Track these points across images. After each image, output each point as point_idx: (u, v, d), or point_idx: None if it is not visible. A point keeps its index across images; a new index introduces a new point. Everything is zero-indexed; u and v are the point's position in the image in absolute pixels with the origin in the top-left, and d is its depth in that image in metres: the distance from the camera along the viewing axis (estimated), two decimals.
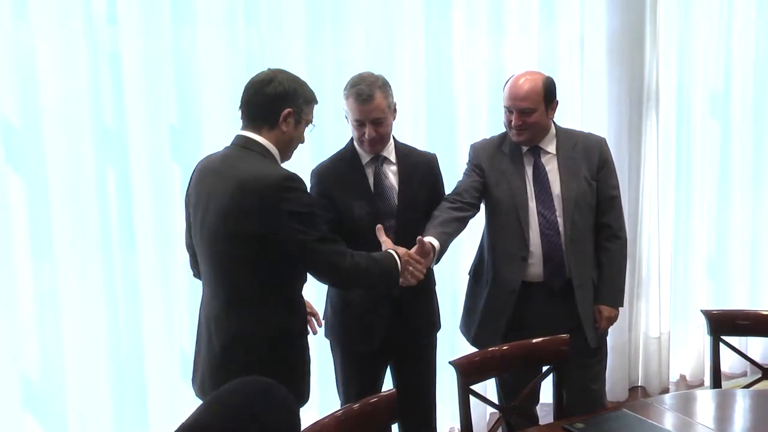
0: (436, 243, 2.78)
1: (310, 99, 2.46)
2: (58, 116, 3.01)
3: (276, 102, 2.39)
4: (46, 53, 2.97)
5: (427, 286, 2.99)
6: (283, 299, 2.40)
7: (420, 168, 2.96)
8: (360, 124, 2.79)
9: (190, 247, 2.59)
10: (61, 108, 3.01)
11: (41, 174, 3.02)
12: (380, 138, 2.82)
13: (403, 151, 2.95)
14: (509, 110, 2.98)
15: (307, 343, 2.51)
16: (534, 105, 2.93)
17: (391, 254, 2.59)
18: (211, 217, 2.37)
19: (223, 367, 2.39)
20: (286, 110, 2.39)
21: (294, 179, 2.34)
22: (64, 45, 2.99)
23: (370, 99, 2.75)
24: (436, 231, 2.83)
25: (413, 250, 2.66)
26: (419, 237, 2.72)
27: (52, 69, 2.98)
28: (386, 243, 2.68)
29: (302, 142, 2.50)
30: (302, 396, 2.47)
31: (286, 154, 2.47)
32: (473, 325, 3.13)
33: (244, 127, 2.45)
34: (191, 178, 2.53)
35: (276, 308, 2.38)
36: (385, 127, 2.83)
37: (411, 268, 2.62)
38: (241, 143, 2.42)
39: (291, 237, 2.30)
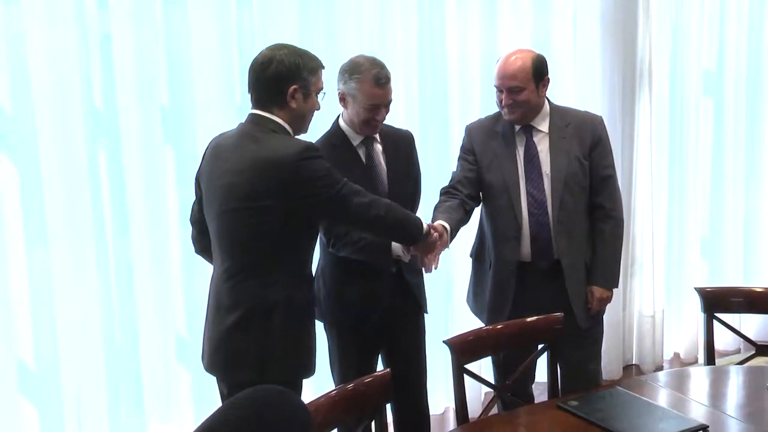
0: (447, 225, 2.80)
1: (314, 68, 2.45)
2: (50, 99, 2.99)
3: (279, 82, 2.40)
4: (37, 36, 2.95)
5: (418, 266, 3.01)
6: (293, 270, 2.44)
7: (401, 146, 2.99)
8: (374, 107, 2.78)
9: (197, 222, 2.63)
10: (52, 91, 2.99)
11: (33, 157, 3.01)
12: (384, 119, 2.85)
13: (383, 129, 2.95)
14: (499, 89, 2.97)
15: (315, 315, 2.55)
16: (523, 83, 2.92)
17: (415, 215, 2.68)
18: (228, 192, 2.41)
19: (233, 339, 2.42)
20: (292, 88, 2.40)
21: (309, 148, 2.38)
22: (55, 28, 2.96)
23: (387, 82, 2.78)
24: (444, 215, 2.86)
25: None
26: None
27: (43, 52, 2.96)
28: None
29: (318, 109, 2.52)
30: (309, 369, 2.51)
31: (302, 127, 2.50)
32: (485, 308, 3.12)
33: (255, 108, 2.46)
34: (204, 154, 2.56)
35: (286, 279, 2.42)
36: (389, 108, 2.85)
37: (434, 238, 2.69)
38: (255, 121, 2.44)
39: (318, 201, 2.37)
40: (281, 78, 2.40)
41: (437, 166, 3.62)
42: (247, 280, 2.41)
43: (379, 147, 2.92)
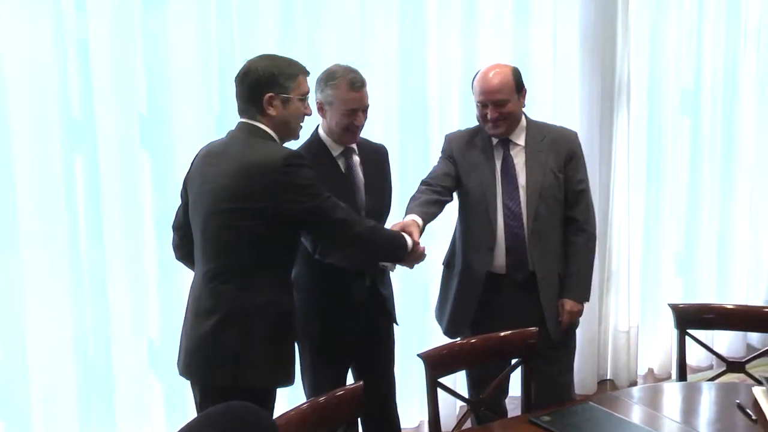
0: (419, 220, 2.82)
1: (291, 74, 2.49)
2: (26, 105, 2.97)
3: (255, 91, 2.46)
4: (13, 41, 2.92)
5: (389, 274, 3.01)
6: (275, 277, 2.46)
7: (378, 159, 3.01)
8: (352, 112, 2.80)
9: (180, 228, 2.66)
10: (28, 97, 2.97)
11: (7, 162, 2.98)
12: (363, 126, 2.86)
13: (360, 141, 2.97)
14: (483, 104, 2.99)
15: (295, 325, 2.55)
16: (507, 96, 2.96)
17: (400, 233, 2.72)
18: (216, 194, 2.44)
19: (211, 342, 2.43)
20: (267, 95, 2.45)
21: (295, 156, 2.44)
22: (32, 33, 2.95)
23: (363, 86, 2.81)
24: (419, 210, 2.87)
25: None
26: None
27: (19, 57, 2.94)
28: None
29: (308, 114, 2.56)
30: (287, 377, 2.51)
31: (288, 133, 2.53)
32: (444, 315, 3.15)
33: (241, 117, 2.52)
34: (193, 161, 2.59)
35: (268, 286, 2.43)
36: (367, 114, 2.86)
37: (420, 251, 2.76)
38: (245, 128, 2.50)
39: (300, 208, 2.41)
40: (257, 86, 2.46)
41: (417, 178, 3.60)
42: (228, 282, 2.42)
43: (357, 158, 2.93)
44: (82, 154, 3.15)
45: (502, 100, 2.95)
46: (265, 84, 2.45)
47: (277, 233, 2.42)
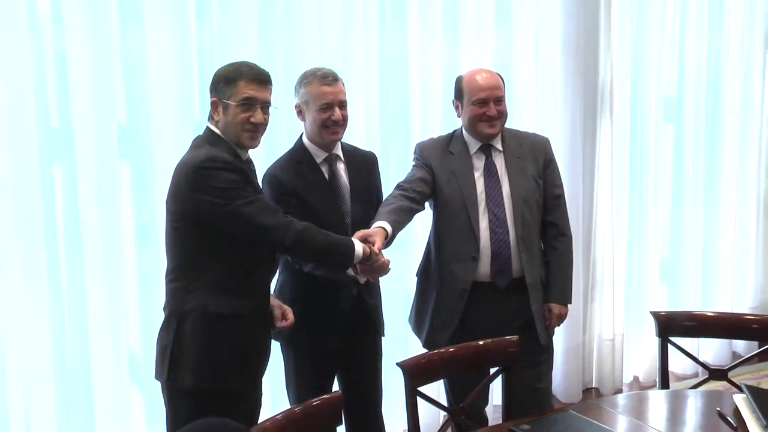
0: (388, 228, 2.78)
1: (231, 78, 2.48)
2: (3, 115, 2.96)
3: (209, 95, 2.54)
4: None
5: (378, 284, 2.99)
6: (214, 280, 2.46)
7: (365, 166, 2.99)
8: (327, 107, 2.78)
9: None
10: (5, 107, 2.96)
11: None
12: (344, 121, 2.84)
13: (346, 149, 2.96)
14: (483, 102, 2.98)
15: (246, 330, 2.53)
16: (503, 92, 3.02)
17: (351, 239, 2.64)
18: (166, 197, 2.53)
19: (159, 340, 2.54)
20: (212, 100, 2.52)
21: (213, 159, 2.42)
22: (8, 43, 2.93)
23: (335, 80, 2.81)
24: (390, 217, 2.82)
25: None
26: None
27: None
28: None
29: (255, 121, 2.48)
30: (225, 380, 2.49)
31: (235, 138, 2.51)
32: (425, 327, 3.11)
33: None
34: None
35: (205, 288, 2.46)
36: (347, 111, 2.85)
37: (381, 262, 2.69)
38: (204, 132, 2.55)
39: (217, 211, 2.40)
40: (210, 92, 2.53)
41: None
42: (174, 282, 2.51)
43: (342, 165, 2.91)
44: (60, 164, 3.14)
45: (502, 96, 3.00)
46: (212, 89, 2.52)
47: (208, 236, 2.44)
